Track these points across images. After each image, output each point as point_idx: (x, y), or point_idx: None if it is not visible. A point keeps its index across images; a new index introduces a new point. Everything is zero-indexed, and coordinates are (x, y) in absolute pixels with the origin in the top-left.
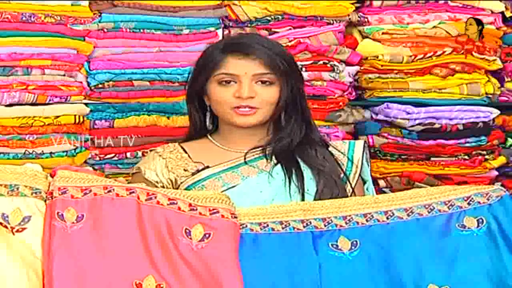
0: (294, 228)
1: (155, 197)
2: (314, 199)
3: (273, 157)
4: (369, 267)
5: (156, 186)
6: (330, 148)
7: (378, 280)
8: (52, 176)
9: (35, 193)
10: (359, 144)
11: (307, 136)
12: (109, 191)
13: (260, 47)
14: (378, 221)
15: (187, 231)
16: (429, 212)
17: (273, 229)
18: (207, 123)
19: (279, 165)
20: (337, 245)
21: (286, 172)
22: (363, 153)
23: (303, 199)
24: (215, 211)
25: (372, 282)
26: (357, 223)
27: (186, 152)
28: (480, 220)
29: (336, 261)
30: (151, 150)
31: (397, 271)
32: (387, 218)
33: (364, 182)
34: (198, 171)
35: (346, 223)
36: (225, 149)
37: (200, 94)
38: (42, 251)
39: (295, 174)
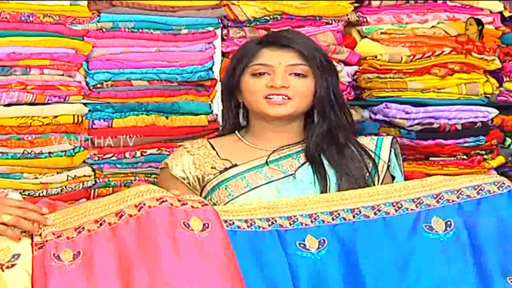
0: (259, 227)
1: (144, 205)
2: None
3: (300, 157)
4: (338, 265)
5: (182, 183)
6: (358, 145)
7: (346, 280)
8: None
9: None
10: (387, 140)
11: (337, 137)
12: (101, 224)
13: (296, 39)
14: (345, 219)
15: (186, 223)
16: (396, 211)
17: (239, 227)
18: (240, 120)
19: (305, 166)
20: (304, 245)
21: (312, 174)
22: (390, 149)
23: None
24: (204, 203)
25: (342, 281)
26: (323, 221)
27: (214, 149)
28: (448, 223)
29: (305, 262)
30: (180, 145)
31: (360, 271)
32: (354, 217)
33: (393, 178)
34: (226, 169)
35: (311, 221)
36: (252, 147)
37: (234, 90)
38: None
39: (320, 176)
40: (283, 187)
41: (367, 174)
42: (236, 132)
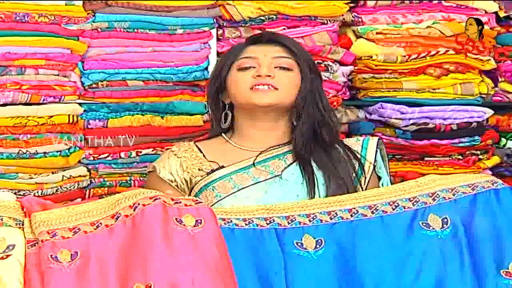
0: (257, 225)
1: (139, 204)
2: None
3: (287, 158)
4: (334, 266)
5: (170, 185)
6: (344, 146)
7: (343, 280)
8: (22, 207)
9: (19, 224)
10: (373, 141)
11: (323, 137)
12: (97, 227)
13: (281, 36)
14: (342, 218)
15: (178, 219)
16: (393, 209)
17: (236, 225)
18: (222, 121)
19: (291, 167)
20: (302, 244)
21: (300, 174)
22: (376, 150)
23: None
24: (198, 201)
25: (337, 282)
26: (321, 220)
27: (201, 151)
28: (445, 220)
29: (301, 260)
30: (167, 149)
31: (358, 272)
32: (351, 216)
33: (379, 178)
34: (213, 170)
35: (310, 220)
36: (239, 148)
37: (221, 90)
38: None
39: (307, 177)
40: (270, 188)
41: (354, 175)
42: (223, 134)
